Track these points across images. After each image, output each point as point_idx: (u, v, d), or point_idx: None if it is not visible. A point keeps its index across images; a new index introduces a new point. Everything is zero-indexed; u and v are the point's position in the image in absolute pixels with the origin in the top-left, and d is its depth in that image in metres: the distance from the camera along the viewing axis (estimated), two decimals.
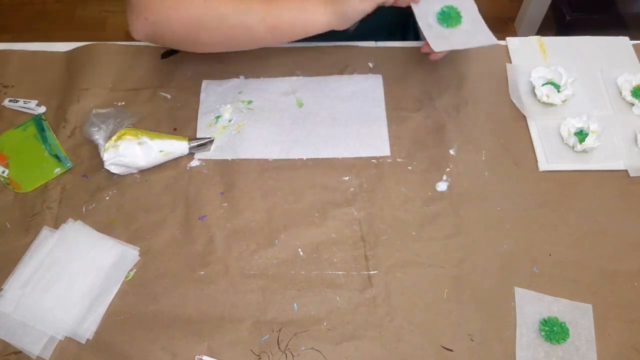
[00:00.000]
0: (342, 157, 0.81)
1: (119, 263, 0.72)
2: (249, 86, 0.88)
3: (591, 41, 0.93)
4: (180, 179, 0.79)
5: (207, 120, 0.84)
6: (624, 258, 0.73)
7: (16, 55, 0.91)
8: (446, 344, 0.67)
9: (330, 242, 0.74)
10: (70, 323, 0.67)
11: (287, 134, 0.83)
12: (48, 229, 0.74)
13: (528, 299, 0.70)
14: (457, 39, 0.77)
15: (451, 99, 0.86)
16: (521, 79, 0.88)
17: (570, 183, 0.79)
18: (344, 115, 0.85)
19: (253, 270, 0.72)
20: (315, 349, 0.67)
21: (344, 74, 0.89)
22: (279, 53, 0.91)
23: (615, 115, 0.84)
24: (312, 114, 0.85)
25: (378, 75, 0.89)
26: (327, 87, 0.88)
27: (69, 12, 2.09)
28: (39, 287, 0.69)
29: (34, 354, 0.66)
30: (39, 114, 0.85)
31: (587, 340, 0.67)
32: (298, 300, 0.70)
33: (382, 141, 0.82)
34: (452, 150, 0.81)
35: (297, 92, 0.87)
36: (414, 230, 0.75)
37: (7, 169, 0.80)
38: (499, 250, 0.73)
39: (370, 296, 0.70)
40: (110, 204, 0.77)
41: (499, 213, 0.76)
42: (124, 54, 0.91)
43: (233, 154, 0.81)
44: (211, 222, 0.75)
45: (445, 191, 0.78)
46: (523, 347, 0.67)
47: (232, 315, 0.69)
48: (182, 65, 0.90)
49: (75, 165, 0.80)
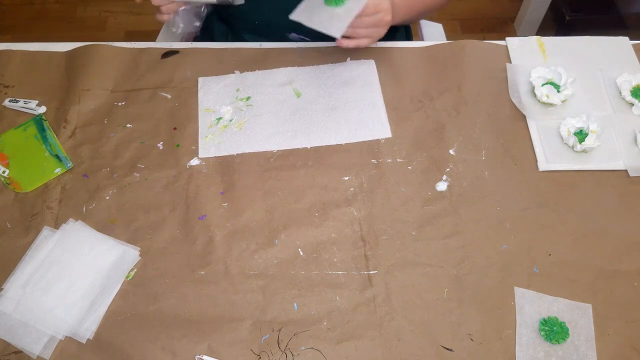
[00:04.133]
0: (345, 142, 0.82)
1: (119, 263, 0.72)
2: (245, 81, 0.88)
3: (591, 41, 0.93)
4: (180, 179, 0.79)
5: (208, 120, 0.84)
6: (624, 258, 0.73)
7: (16, 55, 0.91)
8: (446, 343, 0.67)
9: (330, 242, 0.74)
10: (70, 323, 0.67)
11: (289, 125, 0.84)
12: (48, 228, 0.74)
13: (528, 299, 0.70)
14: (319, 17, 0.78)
15: (451, 99, 0.86)
16: (521, 79, 0.88)
17: (570, 183, 0.79)
18: (343, 102, 0.86)
19: (253, 270, 0.72)
20: (315, 348, 0.67)
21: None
22: (279, 53, 0.91)
23: (614, 115, 0.84)
24: (311, 103, 0.86)
25: (371, 60, 0.90)
26: (323, 75, 0.89)
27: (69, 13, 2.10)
28: (39, 287, 0.69)
29: (35, 353, 0.66)
30: (39, 114, 0.85)
31: (586, 340, 0.67)
32: (298, 300, 0.70)
33: (383, 124, 0.83)
34: (452, 150, 0.81)
35: (294, 83, 0.88)
36: (414, 230, 0.75)
37: (8, 169, 0.80)
38: (498, 250, 0.73)
39: (370, 296, 0.70)
40: (110, 204, 0.77)
41: (499, 213, 0.76)
42: (124, 54, 0.91)
43: (237, 149, 0.82)
44: (211, 221, 0.75)
45: (445, 191, 0.78)
46: (523, 347, 0.67)
47: (232, 315, 0.69)
48: (182, 65, 0.90)
49: (75, 165, 0.80)
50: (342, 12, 0.78)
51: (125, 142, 0.83)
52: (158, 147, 0.82)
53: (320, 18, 0.78)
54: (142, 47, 0.92)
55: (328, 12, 0.78)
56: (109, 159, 0.81)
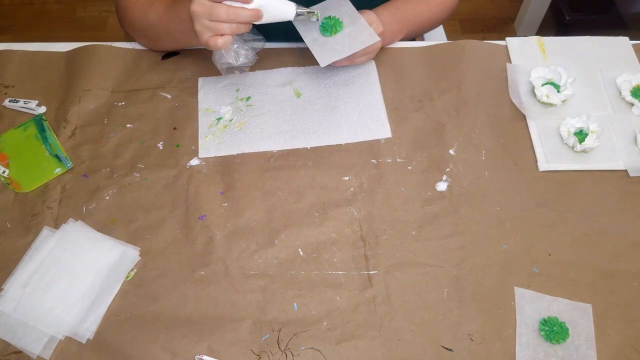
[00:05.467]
0: (345, 142, 0.82)
1: (119, 263, 0.72)
2: (245, 81, 0.88)
3: (591, 41, 0.93)
4: (180, 179, 0.79)
5: (208, 120, 0.84)
6: (624, 258, 0.73)
7: (17, 55, 0.91)
8: (446, 343, 0.67)
9: (330, 242, 0.74)
10: (70, 323, 0.67)
11: (289, 125, 0.84)
12: (48, 228, 0.74)
13: (528, 299, 0.70)
14: (341, 46, 0.80)
15: (451, 99, 0.86)
16: (521, 79, 0.88)
17: (570, 183, 0.79)
18: (343, 102, 0.86)
19: (253, 270, 0.72)
20: (315, 348, 0.67)
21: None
22: (279, 53, 0.91)
23: (614, 115, 0.84)
24: (311, 103, 0.86)
25: (371, 60, 0.90)
26: (323, 75, 0.89)
27: (69, 13, 2.09)
28: (39, 287, 0.69)
29: (35, 353, 0.66)
30: (39, 114, 0.85)
31: (586, 340, 0.67)
32: (298, 300, 0.70)
33: (383, 124, 0.83)
34: (452, 150, 0.81)
35: (294, 83, 0.88)
36: (414, 230, 0.75)
37: (8, 169, 0.80)
38: (498, 250, 0.73)
39: (370, 296, 0.70)
40: (110, 204, 0.77)
41: (499, 213, 0.76)
42: (125, 54, 0.91)
43: (237, 149, 0.82)
44: (211, 221, 0.75)
45: (445, 191, 0.78)
46: (523, 347, 0.67)
47: (232, 315, 0.69)
48: (182, 66, 0.90)
49: (75, 165, 0.80)
50: (339, 44, 0.80)
51: (125, 142, 0.83)
52: (158, 147, 0.82)
53: (341, 46, 0.81)
54: (142, 47, 0.92)
55: (335, 38, 0.81)
56: (109, 159, 0.81)
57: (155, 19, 0.83)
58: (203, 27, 0.72)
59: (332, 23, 0.81)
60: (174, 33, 0.83)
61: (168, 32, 0.84)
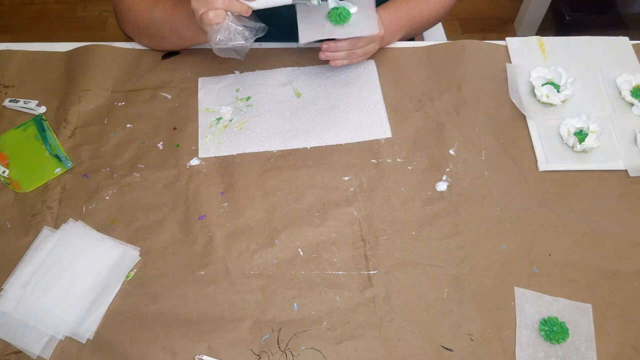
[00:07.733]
0: (345, 142, 0.82)
1: (119, 263, 0.72)
2: (245, 81, 0.88)
3: (591, 41, 0.93)
4: (180, 179, 0.79)
5: (208, 120, 0.84)
6: (624, 258, 0.73)
7: (17, 55, 0.91)
8: (446, 343, 0.67)
9: (330, 242, 0.74)
10: (70, 323, 0.67)
11: (289, 125, 0.84)
12: (48, 228, 0.74)
13: (528, 299, 0.70)
14: (332, 28, 0.78)
15: (451, 99, 0.86)
16: (521, 79, 0.88)
17: (570, 183, 0.79)
18: (343, 102, 0.86)
19: (253, 270, 0.72)
20: (315, 348, 0.67)
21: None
22: (279, 53, 0.91)
23: (614, 115, 0.84)
24: (311, 103, 0.86)
25: (371, 60, 0.90)
26: (323, 75, 0.89)
27: (69, 13, 2.09)
28: (39, 287, 0.69)
29: (35, 353, 0.66)
30: (39, 114, 0.85)
31: (586, 340, 0.67)
32: (298, 300, 0.70)
33: (383, 124, 0.84)
34: (452, 150, 0.81)
35: (294, 83, 0.88)
36: (414, 230, 0.75)
37: (8, 169, 0.80)
38: (498, 250, 0.73)
39: (370, 296, 0.70)
40: (110, 204, 0.77)
41: (499, 213, 0.76)
42: (125, 54, 0.91)
43: (237, 149, 0.82)
44: (211, 221, 0.75)
45: (445, 191, 0.78)
46: (523, 347, 0.67)
47: (232, 315, 0.69)
48: (182, 66, 0.90)
49: (75, 165, 0.80)
50: (329, 24, 0.78)
51: (125, 142, 0.83)
52: (158, 147, 0.82)
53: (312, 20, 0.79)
54: (142, 47, 0.92)
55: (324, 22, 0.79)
56: (109, 159, 0.81)
57: (161, 15, 0.84)
58: (198, 3, 0.73)
59: (338, 12, 0.78)
60: (180, 28, 0.84)
61: (174, 28, 0.84)
